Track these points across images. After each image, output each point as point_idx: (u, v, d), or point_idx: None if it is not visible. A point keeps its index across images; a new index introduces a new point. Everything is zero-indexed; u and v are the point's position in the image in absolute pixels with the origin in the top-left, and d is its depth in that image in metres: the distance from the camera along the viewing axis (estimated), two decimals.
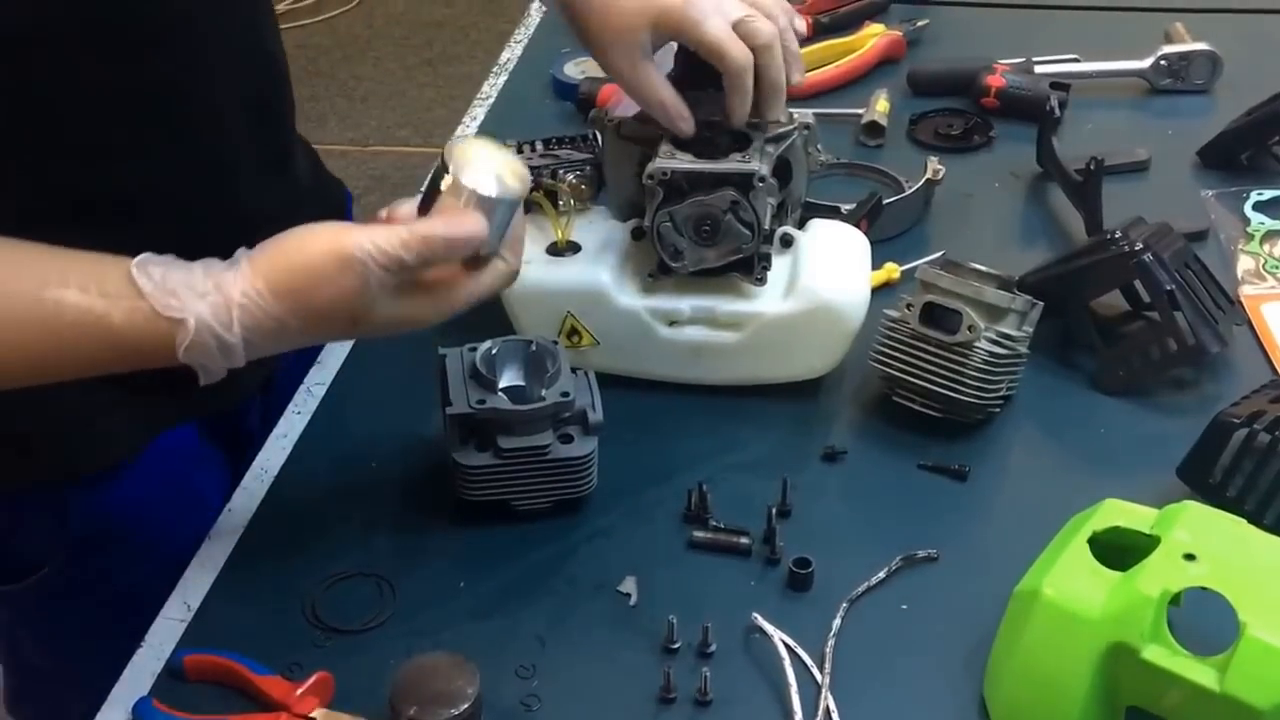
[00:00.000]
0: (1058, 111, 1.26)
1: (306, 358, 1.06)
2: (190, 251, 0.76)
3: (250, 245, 0.76)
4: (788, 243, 0.99)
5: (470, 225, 0.74)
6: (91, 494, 0.92)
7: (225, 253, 0.76)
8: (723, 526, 0.88)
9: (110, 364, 0.73)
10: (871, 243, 1.01)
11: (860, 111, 1.32)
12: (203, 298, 0.71)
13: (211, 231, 0.79)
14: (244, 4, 0.92)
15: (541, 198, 0.99)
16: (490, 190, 0.76)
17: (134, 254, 0.74)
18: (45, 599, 0.96)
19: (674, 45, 0.97)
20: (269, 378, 1.03)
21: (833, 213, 1.09)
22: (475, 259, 0.78)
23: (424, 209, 0.77)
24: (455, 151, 0.77)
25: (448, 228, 0.74)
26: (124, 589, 0.88)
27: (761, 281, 0.96)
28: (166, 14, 0.82)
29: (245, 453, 0.98)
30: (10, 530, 0.94)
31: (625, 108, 0.98)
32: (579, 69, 1.39)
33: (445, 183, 0.76)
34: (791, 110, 0.99)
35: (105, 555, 0.94)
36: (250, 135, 0.92)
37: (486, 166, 0.77)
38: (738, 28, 0.90)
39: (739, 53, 0.89)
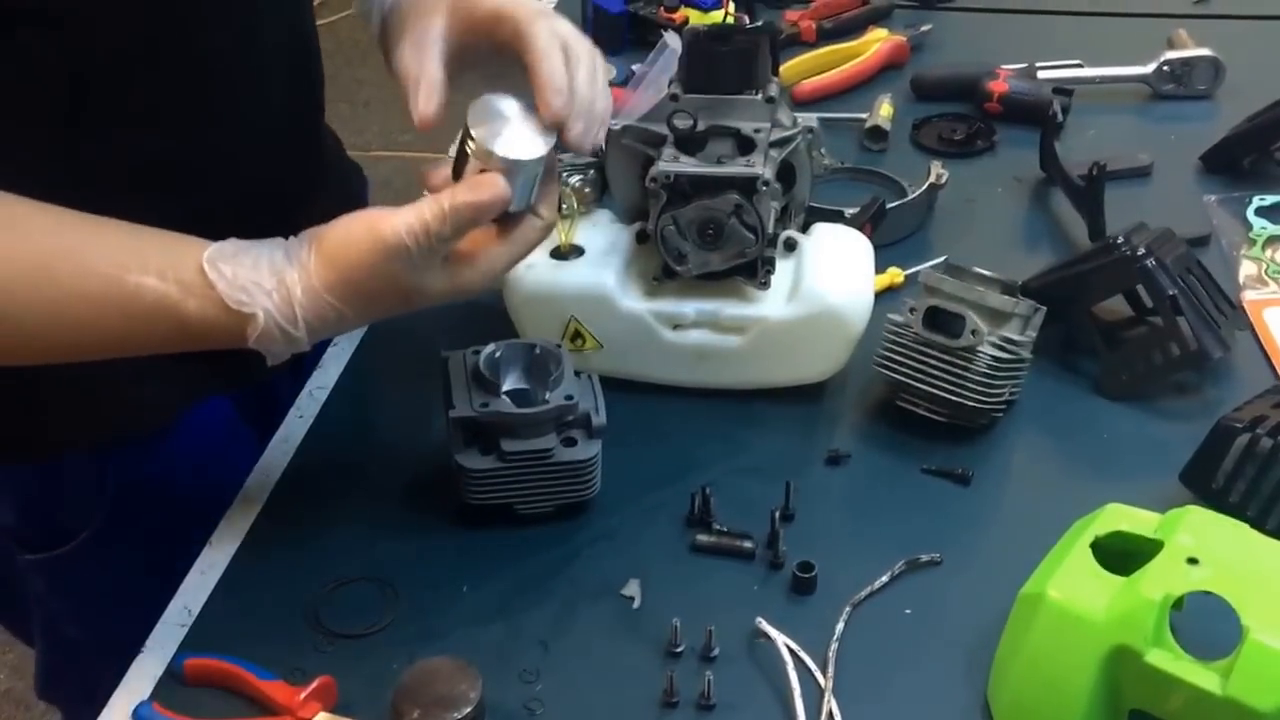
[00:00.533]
0: (1060, 116, 1.27)
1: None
2: (224, 219, 0.79)
3: (280, 219, 0.79)
4: (791, 246, 0.99)
5: (491, 190, 0.76)
6: (129, 460, 0.94)
7: (256, 224, 0.78)
8: (726, 530, 0.89)
9: (181, 345, 0.78)
10: (875, 247, 1.02)
11: (864, 116, 1.32)
12: (269, 295, 0.75)
13: (245, 201, 0.84)
14: None
15: None
16: (512, 152, 0.76)
17: (171, 217, 0.77)
18: (81, 565, 0.97)
19: (677, 49, 0.97)
20: (299, 355, 1.05)
21: (836, 217, 1.09)
22: (508, 218, 0.79)
23: (456, 174, 0.78)
24: (477, 111, 0.78)
25: (471, 194, 0.76)
26: (159, 557, 0.89)
27: (765, 285, 0.96)
28: None
29: (274, 429, 1.00)
30: (49, 495, 0.95)
31: (629, 112, 0.98)
32: None
33: (470, 146, 0.77)
34: (795, 114, 0.99)
35: (141, 522, 0.96)
36: (289, 112, 0.94)
37: (509, 125, 0.77)
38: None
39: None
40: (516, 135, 0.77)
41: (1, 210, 0.74)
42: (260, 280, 0.75)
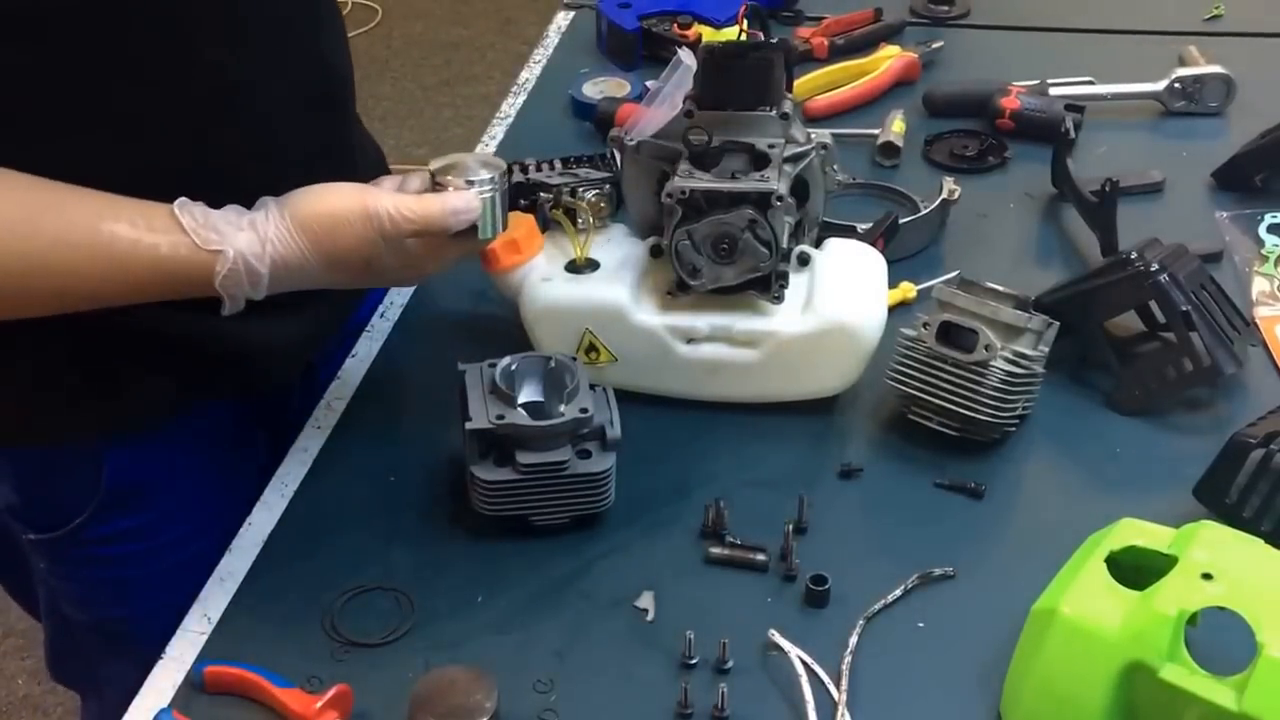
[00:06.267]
0: (1073, 133, 1.27)
1: (345, 347, 1.09)
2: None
3: None
4: (805, 261, 0.99)
5: (463, 205, 0.86)
6: (127, 452, 0.95)
7: None
8: (739, 542, 0.89)
9: (153, 292, 0.83)
10: (887, 262, 1.02)
11: (876, 132, 1.32)
12: (239, 232, 0.82)
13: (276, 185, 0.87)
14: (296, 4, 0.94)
15: (561, 215, 1.00)
16: (472, 176, 0.88)
17: None
18: (78, 551, 0.98)
19: (692, 66, 0.98)
20: (309, 365, 1.06)
21: (849, 232, 1.10)
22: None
23: None
24: (437, 163, 0.89)
25: (442, 219, 0.86)
26: (155, 549, 0.91)
27: (779, 300, 0.97)
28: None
29: (289, 438, 1.02)
30: (46, 480, 0.97)
31: (644, 128, 0.99)
32: (597, 89, 1.40)
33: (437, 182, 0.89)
34: (809, 130, 1.00)
35: (137, 514, 0.97)
36: (307, 130, 0.95)
37: (463, 162, 0.89)
38: None
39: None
40: (471, 168, 0.89)
41: None
42: (230, 219, 0.83)
